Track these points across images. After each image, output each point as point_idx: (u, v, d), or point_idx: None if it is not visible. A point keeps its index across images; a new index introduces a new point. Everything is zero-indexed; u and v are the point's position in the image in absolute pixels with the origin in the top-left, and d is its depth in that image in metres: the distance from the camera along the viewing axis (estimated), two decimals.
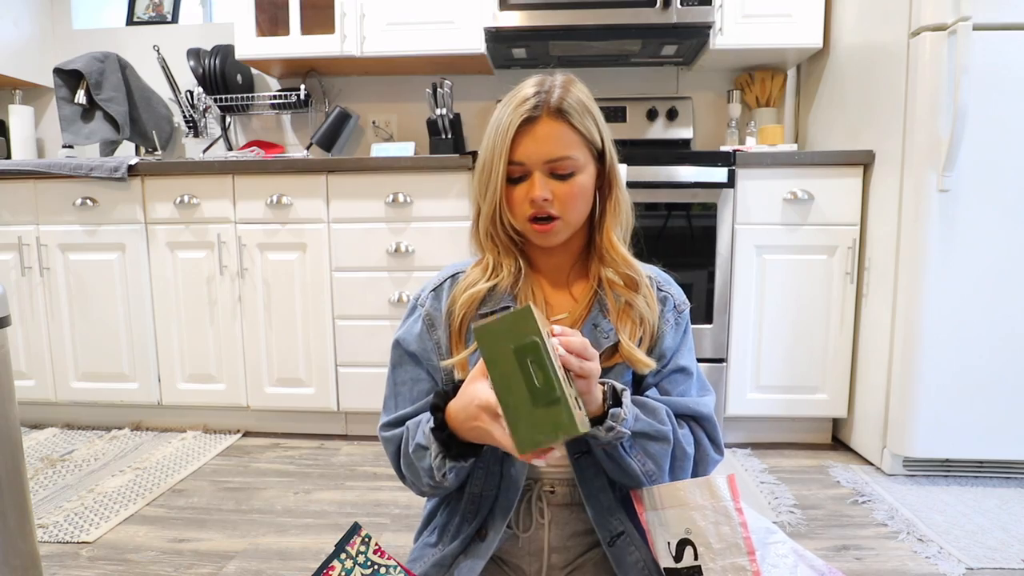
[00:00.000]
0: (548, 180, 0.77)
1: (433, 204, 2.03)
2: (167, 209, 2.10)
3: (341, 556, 0.74)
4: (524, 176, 0.77)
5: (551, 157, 0.76)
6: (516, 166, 0.77)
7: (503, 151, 0.76)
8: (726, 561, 0.72)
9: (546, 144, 0.76)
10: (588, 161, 0.79)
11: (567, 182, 0.77)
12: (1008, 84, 1.63)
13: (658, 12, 2.09)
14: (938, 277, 1.70)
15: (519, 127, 0.75)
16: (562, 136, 0.76)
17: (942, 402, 1.73)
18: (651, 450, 0.76)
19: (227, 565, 1.38)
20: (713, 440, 0.83)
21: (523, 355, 0.59)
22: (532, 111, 0.75)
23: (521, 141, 0.76)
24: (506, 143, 0.75)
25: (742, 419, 2.07)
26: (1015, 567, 1.34)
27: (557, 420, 0.58)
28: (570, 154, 0.77)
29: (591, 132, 0.78)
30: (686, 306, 0.86)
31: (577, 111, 0.77)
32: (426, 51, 2.25)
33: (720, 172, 1.92)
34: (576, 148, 0.77)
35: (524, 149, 0.76)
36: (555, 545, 0.83)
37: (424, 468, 0.76)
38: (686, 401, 0.82)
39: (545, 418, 0.58)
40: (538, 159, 0.76)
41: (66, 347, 2.18)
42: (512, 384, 0.59)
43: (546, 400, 0.58)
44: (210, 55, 2.44)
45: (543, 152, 0.76)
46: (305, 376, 2.13)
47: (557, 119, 0.76)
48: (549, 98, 0.76)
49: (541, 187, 0.76)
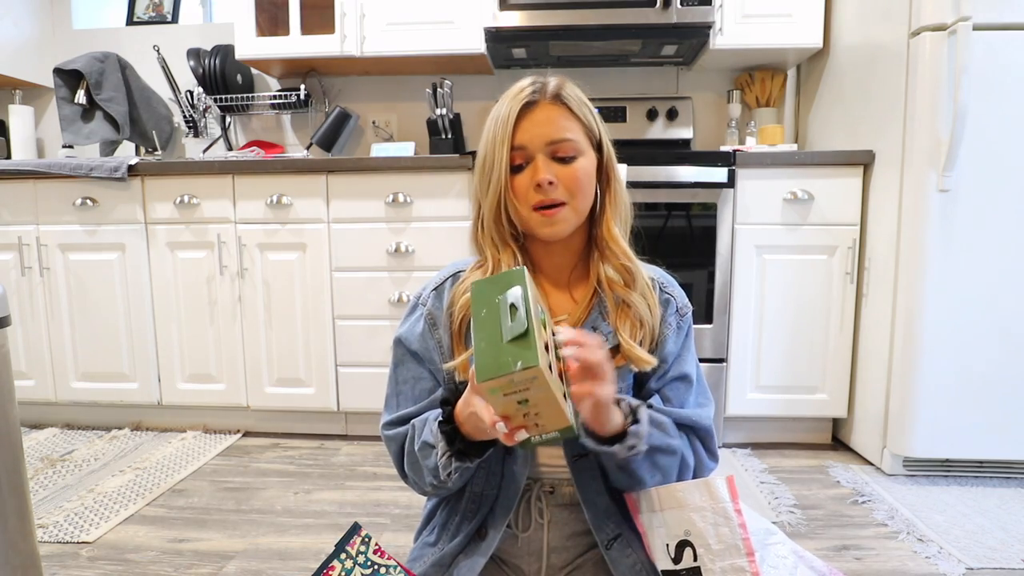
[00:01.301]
0: (551, 163, 0.77)
1: (433, 204, 2.03)
2: (167, 209, 2.10)
3: (341, 556, 0.74)
4: (526, 164, 0.77)
5: (552, 139, 0.76)
6: (518, 151, 0.77)
7: (505, 138, 0.76)
8: (725, 562, 0.71)
9: (547, 126, 0.76)
10: (588, 148, 0.80)
11: (570, 165, 0.77)
12: (1008, 84, 1.63)
13: (658, 12, 2.09)
14: (938, 277, 1.70)
15: (519, 113, 0.76)
16: (561, 119, 0.77)
17: (942, 402, 1.73)
18: (661, 462, 0.76)
19: (227, 565, 1.38)
20: (709, 450, 0.83)
21: (506, 302, 0.60)
22: (531, 96, 0.76)
23: (521, 125, 0.76)
24: (508, 130, 0.76)
25: (742, 419, 2.07)
26: (1015, 567, 1.34)
27: (522, 353, 0.57)
28: (570, 136, 0.77)
29: (589, 120, 0.79)
30: (688, 309, 0.85)
31: (574, 99, 0.78)
32: (426, 51, 2.25)
33: (720, 172, 1.92)
34: (576, 131, 0.78)
35: (525, 132, 0.76)
36: (554, 545, 0.83)
37: (429, 467, 0.75)
38: (688, 413, 0.81)
39: (510, 351, 0.57)
40: (540, 141, 0.76)
41: (66, 347, 2.18)
42: (488, 325, 0.60)
43: (515, 334, 0.58)
44: (210, 55, 2.44)
45: (544, 134, 0.76)
46: (305, 376, 2.13)
47: (555, 103, 0.77)
48: (546, 86, 0.78)
49: (545, 169, 0.76)
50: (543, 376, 0.57)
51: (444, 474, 0.73)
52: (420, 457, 0.77)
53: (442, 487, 0.77)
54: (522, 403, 0.59)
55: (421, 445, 0.77)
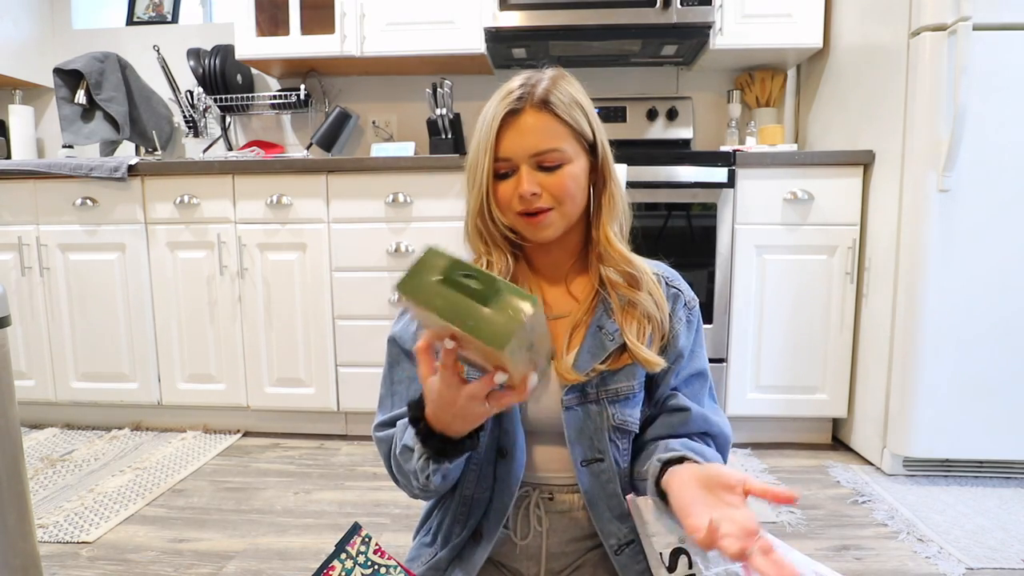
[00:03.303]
0: (535, 173, 0.75)
1: (433, 204, 2.03)
2: (167, 209, 2.10)
3: (341, 556, 0.74)
4: (511, 172, 0.76)
5: (537, 150, 0.74)
6: (502, 162, 0.75)
7: (488, 146, 0.74)
8: (720, 568, 0.71)
9: (531, 136, 0.74)
10: (578, 153, 0.77)
11: (555, 173, 0.75)
12: (1008, 84, 1.63)
13: (658, 12, 2.09)
14: (938, 277, 1.70)
15: (503, 120, 0.73)
16: (547, 128, 0.74)
17: (942, 402, 1.73)
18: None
19: (227, 565, 1.38)
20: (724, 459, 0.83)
21: (451, 278, 0.56)
22: (516, 103, 0.73)
23: (505, 135, 0.74)
24: (490, 138, 0.74)
25: (742, 419, 2.07)
26: (1015, 567, 1.34)
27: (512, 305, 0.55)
28: (557, 146, 0.74)
29: (579, 124, 0.76)
30: (695, 302, 0.85)
31: (563, 103, 0.75)
32: (426, 51, 2.25)
33: (720, 172, 1.92)
34: (563, 140, 0.75)
35: (509, 143, 0.74)
36: (554, 551, 0.82)
37: (411, 470, 0.73)
38: (719, 421, 0.82)
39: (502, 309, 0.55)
40: (524, 153, 0.74)
41: (66, 347, 2.18)
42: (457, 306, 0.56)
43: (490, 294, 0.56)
44: (210, 55, 2.44)
45: (528, 145, 0.74)
46: (305, 376, 2.13)
47: (541, 111, 0.74)
48: (534, 91, 0.74)
49: (528, 182, 0.74)
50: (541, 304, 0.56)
51: (423, 476, 0.70)
52: (402, 460, 0.74)
53: (427, 489, 0.74)
54: (530, 348, 0.58)
55: (402, 449, 0.74)
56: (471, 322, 0.55)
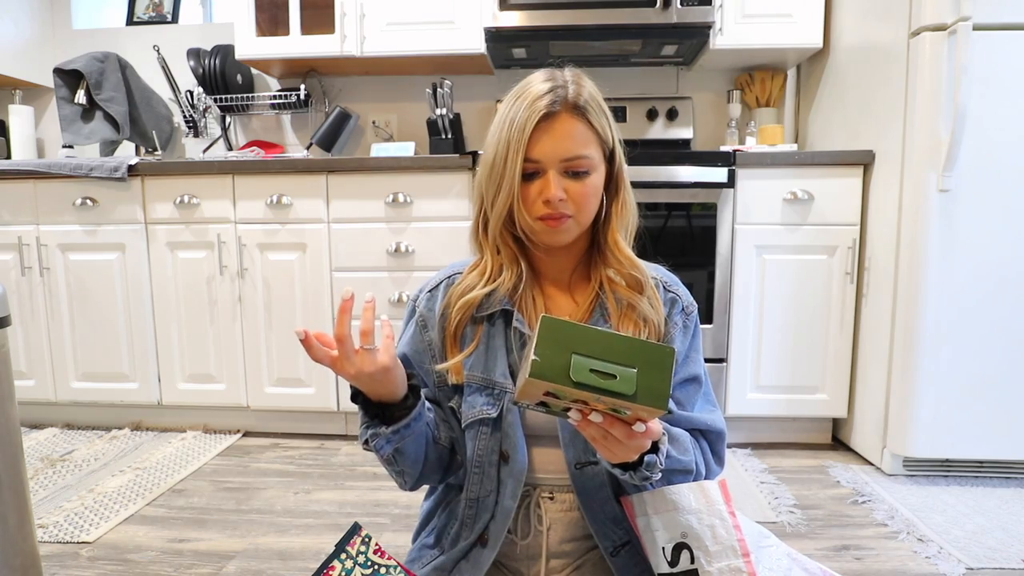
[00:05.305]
0: (562, 178, 0.75)
1: (433, 204, 2.03)
2: (167, 209, 2.10)
3: (341, 556, 0.74)
4: (536, 173, 0.75)
5: (568, 155, 0.74)
6: (530, 163, 0.75)
7: (519, 148, 0.73)
8: (723, 563, 0.71)
9: (564, 141, 0.74)
10: (600, 162, 0.78)
11: (581, 181, 0.75)
12: (1008, 84, 1.63)
13: (658, 12, 2.09)
14: (938, 277, 1.70)
15: (537, 124, 0.73)
16: (580, 134, 0.75)
17: (942, 402, 1.73)
18: (675, 480, 0.76)
19: (227, 565, 1.38)
20: (717, 454, 0.83)
21: (583, 359, 0.56)
22: (550, 107, 0.73)
23: (539, 138, 0.73)
24: (523, 140, 0.73)
25: (742, 419, 2.07)
26: (1015, 567, 1.34)
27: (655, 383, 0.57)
28: (586, 153, 0.75)
29: (605, 130, 0.77)
30: (694, 307, 0.85)
31: (593, 108, 0.76)
32: (426, 51, 2.25)
33: (720, 172, 1.92)
34: (591, 147, 0.76)
35: (541, 147, 0.74)
36: (554, 551, 0.82)
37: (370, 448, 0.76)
38: (704, 418, 0.81)
39: (648, 372, 0.56)
40: (555, 157, 0.74)
41: (66, 347, 2.18)
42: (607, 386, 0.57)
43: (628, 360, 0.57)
44: (210, 55, 2.44)
45: (560, 150, 0.74)
46: (305, 376, 2.13)
47: (575, 115, 0.74)
48: (566, 93, 0.74)
49: (556, 186, 0.74)
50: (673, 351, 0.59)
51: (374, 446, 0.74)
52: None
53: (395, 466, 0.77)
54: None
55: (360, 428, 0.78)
56: (628, 395, 0.56)
